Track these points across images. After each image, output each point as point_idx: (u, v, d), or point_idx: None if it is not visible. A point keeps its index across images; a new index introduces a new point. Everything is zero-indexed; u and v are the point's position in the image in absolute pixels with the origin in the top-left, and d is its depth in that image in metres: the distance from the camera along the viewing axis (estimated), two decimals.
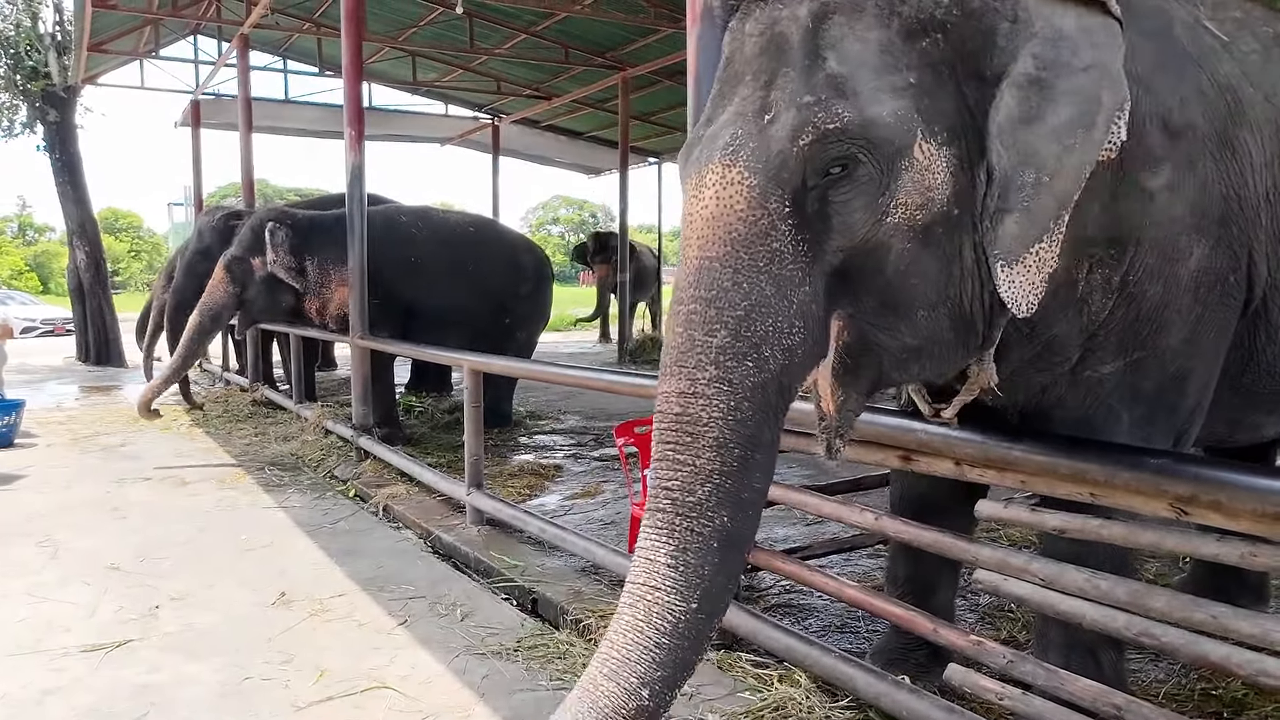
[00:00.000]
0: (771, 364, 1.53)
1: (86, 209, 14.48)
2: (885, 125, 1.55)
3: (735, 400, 1.51)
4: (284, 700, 2.82)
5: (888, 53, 1.59)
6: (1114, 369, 1.92)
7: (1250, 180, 1.89)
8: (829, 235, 1.58)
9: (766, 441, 1.56)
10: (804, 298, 1.56)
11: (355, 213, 6.23)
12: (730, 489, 1.50)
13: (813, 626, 3.28)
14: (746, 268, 1.54)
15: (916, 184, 1.58)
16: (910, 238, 1.60)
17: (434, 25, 12.37)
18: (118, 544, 4.54)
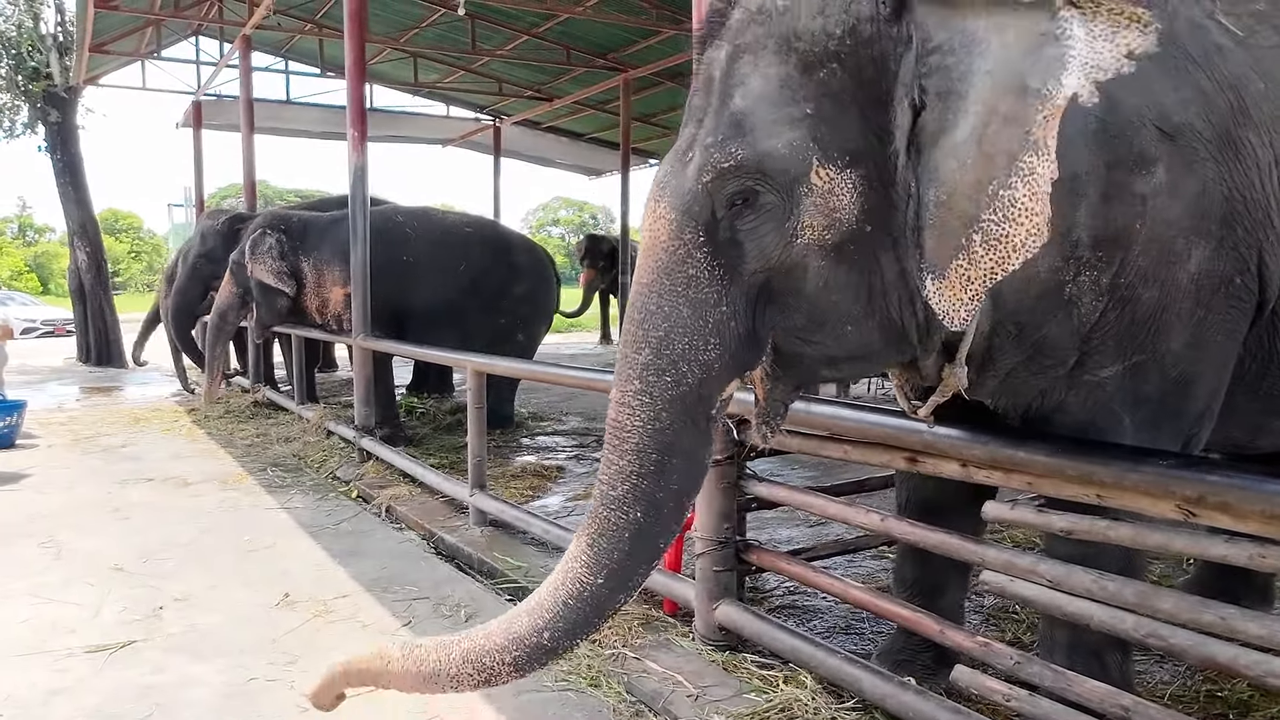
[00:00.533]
0: (689, 378, 1.70)
1: (88, 210, 14.48)
2: (779, 157, 1.66)
3: (654, 411, 1.70)
4: (289, 701, 2.82)
5: (786, 87, 1.68)
6: (1113, 372, 1.90)
7: (1257, 181, 1.85)
8: (744, 259, 1.72)
9: (685, 448, 1.73)
10: (720, 317, 1.71)
11: (358, 214, 6.23)
12: (645, 489, 1.70)
13: (818, 628, 3.28)
14: (667, 292, 1.72)
15: (819, 207, 1.67)
16: (824, 256, 1.70)
17: (436, 26, 12.39)
18: (121, 545, 4.54)
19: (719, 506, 2.97)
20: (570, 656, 3.03)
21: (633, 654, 3.00)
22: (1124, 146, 1.73)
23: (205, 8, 12.22)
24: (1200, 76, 1.81)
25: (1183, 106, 1.78)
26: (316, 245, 7.10)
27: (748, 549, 3.05)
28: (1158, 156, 1.76)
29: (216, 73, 13.53)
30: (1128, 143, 1.74)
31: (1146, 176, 1.76)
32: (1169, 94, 1.77)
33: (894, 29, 1.65)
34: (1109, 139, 1.71)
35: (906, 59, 1.64)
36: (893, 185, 1.68)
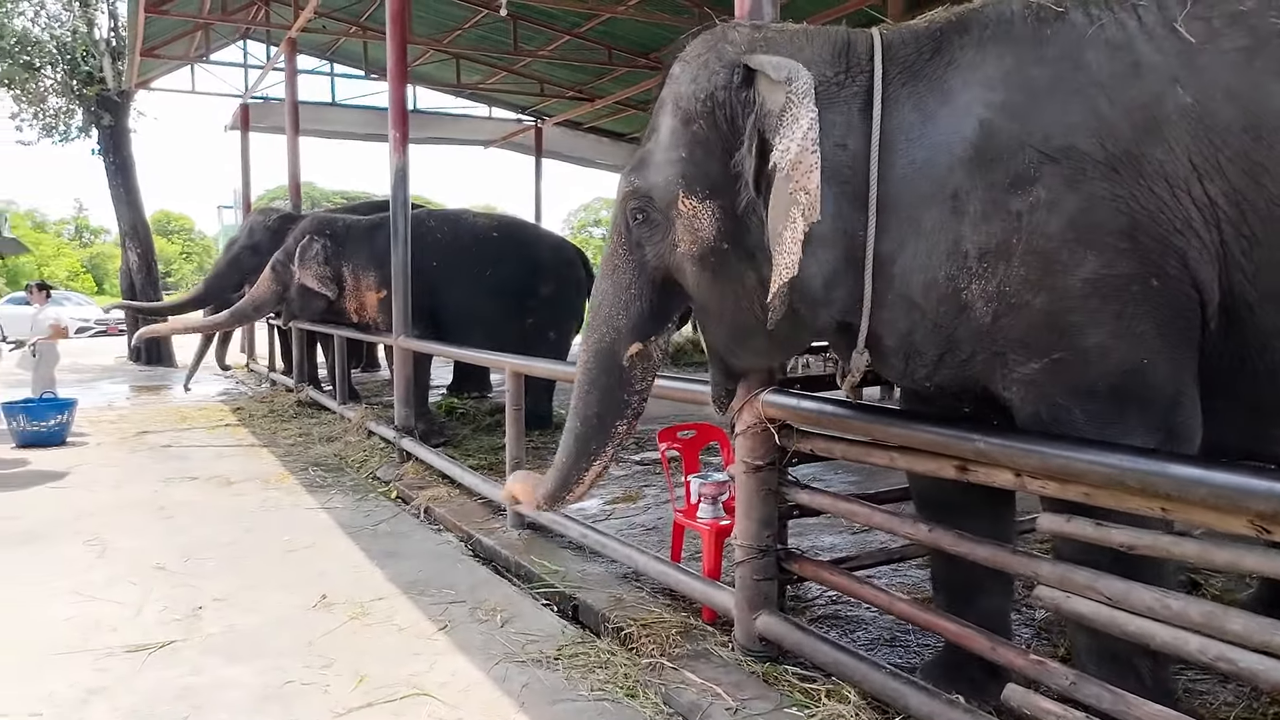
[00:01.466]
0: (608, 337, 2.44)
1: (139, 211, 14.79)
2: (657, 187, 2.26)
3: (587, 356, 2.50)
4: (323, 706, 2.80)
5: (672, 134, 2.24)
6: (1039, 368, 2.01)
7: (1165, 194, 1.88)
8: (645, 257, 2.36)
9: (603, 384, 2.48)
10: (630, 296, 2.40)
11: (399, 215, 6.25)
12: (579, 408, 2.55)
13: (861, 640, 3.19)
14: (604, 275, 2.46)
15: (686, 227, 2.23)
16: (694, 263, 2.26)
17: (478, 28, 12.43)
18: (164, 544, 4.58)
19: (759, 513, 2.90)
20: (608, 665, 2.99)
21: (671, 664, 2.93)
22: (1000, 169, 1.95)
23: (252, 11, 12.39)
24: (1100, 100, 1.91)
25: (1068, 130, 1.91)
26: (356, 250, 7.33)
27: (789, 557, 2.96)
28: (1037, 177, 1.92)
29: (263, 75, 13.73)
30: (1004, 165, 1.94)
31: (1023, 195, 1.93)
32: (1055, 120, 1.93)
33: (744, 94, 2.13)
34: (985, 162, 1.96)
35: (749, 117, 2.10)
36: (746, 213, 2.15)
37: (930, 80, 2.06)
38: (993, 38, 2.03)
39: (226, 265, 9.53)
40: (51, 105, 14.68)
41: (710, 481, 3.54)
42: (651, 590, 3.60)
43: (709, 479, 3.57)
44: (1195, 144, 1.87)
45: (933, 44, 2.09)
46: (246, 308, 8.03)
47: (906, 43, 2.13)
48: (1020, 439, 2.07)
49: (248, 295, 8.07)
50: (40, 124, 14.81)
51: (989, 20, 2.05)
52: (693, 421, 4.02)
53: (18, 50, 13.97)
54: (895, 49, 2.13)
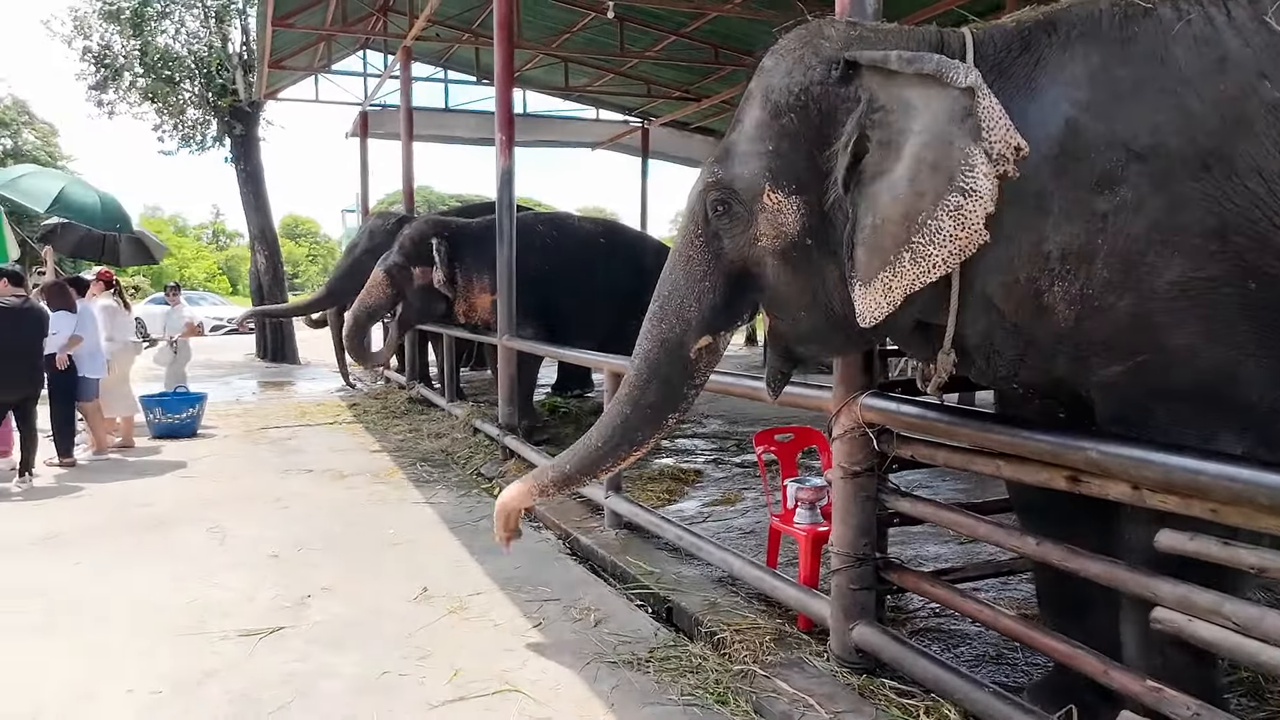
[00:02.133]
0: (677, 327, 2.45)
1: (266, 216, 15.58)
2: (741, 179, 2.26)
3: (650, 344, 2.52)
4: (419, 698, 2.86)
5: (760, 127, 2.24)
6: (1122, 370, 1.98)
7: (1261, 192, 1.81)
8: (723, 250, 2.38)
9: (664, 375, 2.52)
10: (703, 289, 2.41)
11: (505, 217, 6.35)
12: (634, 395, 2.58)
13: (965, 655, 3.05)
14: (676, 264, 2.46)
15: (770, 221, 2.24)
16: (775, 257, 2.27)
17: (586, 31, 12.54)
18: (279, 533, 4.78)
19: (857, 520, 2.80)
20: (699, 670, 2.95)
21: (763, 671, 2.87)
22: (1085, 169, 1.91)
23: (371, 22, 12.86)
24: (1189, 97, 1.86)
25: (1155, 129, 1.87)
26: (469, 253, 7.42)
27: (888, 567, 2.86)
28: (1123, 177, 1.88)
29: (380, 84, 14.23)
30: (1089, 165, 1.91)
31: (1109, 196, 1.89)
32: (1142, 118, 1.88)
33: (842, 90, 2.13)
34: (1071, 162, 1.92)
35: (853, 114, 2.08)
36: (833, 210, 2.15)
37: (1018, 79, 2.04)
38: (1080, 36, 2.00)
39: (349, 269, 9.67)
40: (189, 117, 15.65)
41: (808, 486, 3.46)
42: (746, 595, 3.54)
43: (806, 484, 3.48)
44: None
45: (1021, 43, 2.08)
46: (362, 317, 7.80)
47: (996, 41, 2.11)
48: (1139, 448, 1.93)
49: (359, 302, 7.81)
50: (179, 135, 15.82)
51: (1076, 19, 2.03)
52: (791, 425, 3.93)
53: (160, 66, 14.94)
54: (984, 47, 2.11)
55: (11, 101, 36.89)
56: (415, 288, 7.46)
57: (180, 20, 15.11)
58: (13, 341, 5.96)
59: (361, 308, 7.73)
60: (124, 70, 15.18)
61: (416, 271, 7.42)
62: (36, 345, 6.15)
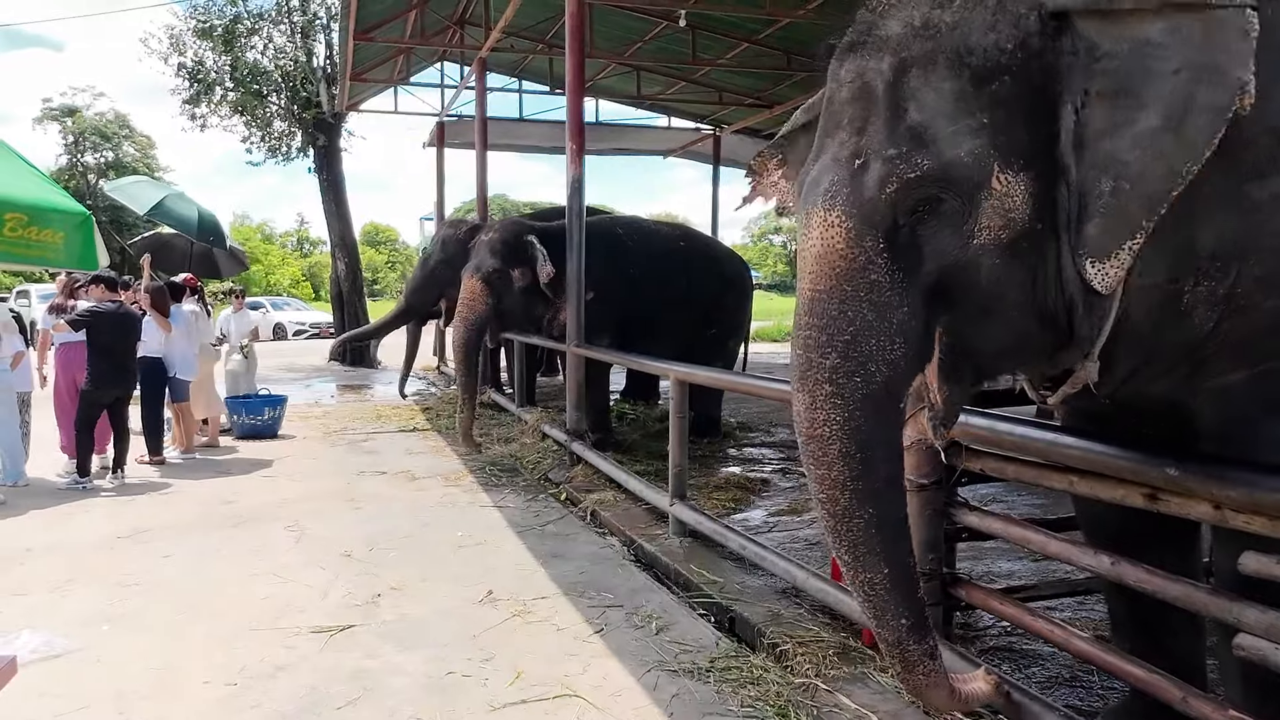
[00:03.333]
0: (878, 377, 1.81)
1: (347, 224, 16.04)
2: (963, 165, 1.77)
3: (849, 411, 1.81)
4: (481, 699, 2.89)
5: (961, 99, 1.79)
6: (1242, 379, 1.87)
7: None
8: (922, 261, 1.83)
9: (882, 439, 1.85)
10: (903, 317, 1.81)
11: (574, 224, 6.41)
12: (864, 488, 1.83)
13: (1037, 676, 2.96)
14: (850, 298, 1.81)
15: (997, 209, 1.78)
16: (998, 253, 1.81)
17: (657, 39, 12.60)
18: (352, 533, 4.91)
19: (923, 534, 2.73)
20: (760, 681, 2.92)
21: (825, 685, 2.83)
22: (1241, 156, 1.73)
23: (448, 34, 13.15)
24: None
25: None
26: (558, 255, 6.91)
27: (956, 582, 2.79)
28: (1278, 165, 1.75)
29: (457, 95, 14.53)
30: (1245, 151, 1.74)
31: (1264, 184, 1.75)
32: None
33: (1058, 41, 1.78)
34: (1228, 146, 1.67)
35: (1074, 67, 1.77)
36: (1058, 183, 1.80)
37: None
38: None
39: (424, 280, 9.61)
40: (276, 129, 16.24)
41: None
42: (810, 607, 3.49)
43: None
44: None
45: None
46: (471, 334, 6.97)
47: None
48: (1222, 467, 1.85)
49: (461, 319, 7.02)
50: (266, 146, 16.41)
51: None
52: None
53: (249, 80, 15.54)
54: None
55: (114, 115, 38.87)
56: (515, 291, 6.93)
57: (268, 36, 15.71)
58: (108, 343, 6.26)
59: (468, 325, 6.93)
60: (215, 85, 15.84)
61: (515, 274, 6.85)
62: (130, 347, 6.44)
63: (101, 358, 6.26)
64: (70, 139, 37.93)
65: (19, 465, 6.22)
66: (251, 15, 15.51)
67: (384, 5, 11.22)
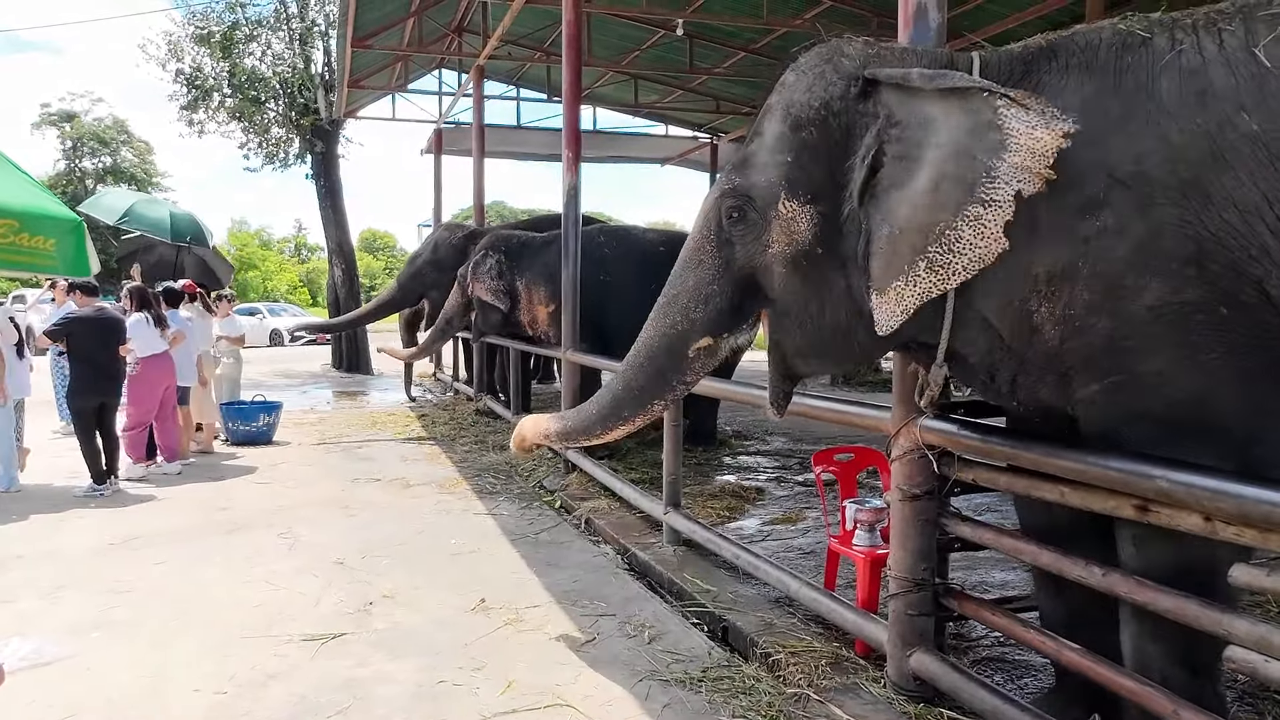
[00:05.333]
0: (681, 324, 2.57)
1: (344, 230, 16.03)
2: (758, 187, 2.35)
3: (652, 334, 2.67)
4: (471, 708, 2.88)
5: (780, 139, 2.32)
6: (1099, 390, 2.06)
7: (1235, 221, 1.87)
8: (734, 255, 2.46)
9: (660, 364, 2.66)
10: (711, 292, 2.50)
11: (570, 232, 6.41)
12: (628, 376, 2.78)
13: (1029, 686, 2.95)
14: (687, 265, 2.57)
15: (783, 229, 2.31)
16: (785, 265, 2.34)
17: (655, 48, 12.65)
18: (345, 540, 4.89)
19: (915, 544, 2.74)
20: (751, 691, 2.91)
21: (817, 696, 2.82)
22: (1072, 194, 1.99)
23: (446, 42, 13.18)
24: (1170, 127, 1.92)
25: (1139, 158, 1.94)
26: (530, 265, 7.64)
27: (948, 593, 2.78)
28: (1106, 202, 1.96)
29: (454, 102, 14.55)
30: (1076, 190, 1.99)
31: (1091, 220, 1.98)
32: (1126, 147, 1.95)
33: (861, 106, 2.21)
34: (1059, 187, 1.98)
35: (871, 129, 2.18)
36: (846, 222, 2.24)
37: None
38: (1077, 65, 2.08)
39: (410, 278, 10.06)
40: (273, 135, 16.24)
41: (867, 508, 3.39)
42: (803, 617, 3.49)
43: (866, 505, 3.42)
44: (1261, 170, 1.85)
45: (1023, 68, 2.16)
46: (440, 324, 8.62)
47: (1001, 66, 2.19)
48: (1213, 478, 1.85)
49: (442, 312, 8.61)
50: (264, 152, 16.42)
51: (1076, 48, 2.11)
52: (851, 445, 3.87)
53: (247, 87, 15.55)
54: (990, 70, 2.18)
55: (112, 121, 38.87)
56: (476, 300, 7.95)
57: (266, 43, 15.73)
58: (88, 350, 6.24)
59: (441, 319, 8.51)
60: (213, 91, 15.85)
61: (470, 283, 7.91)
62: (112, 353, 6.39)
63: (83, 365, 6.24)
64: (68, 144, 37.96)
65: (11, 472, 6.20)
66: (250, 22, 15.54)
67: (382, 13, 11.25)
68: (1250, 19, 1.94)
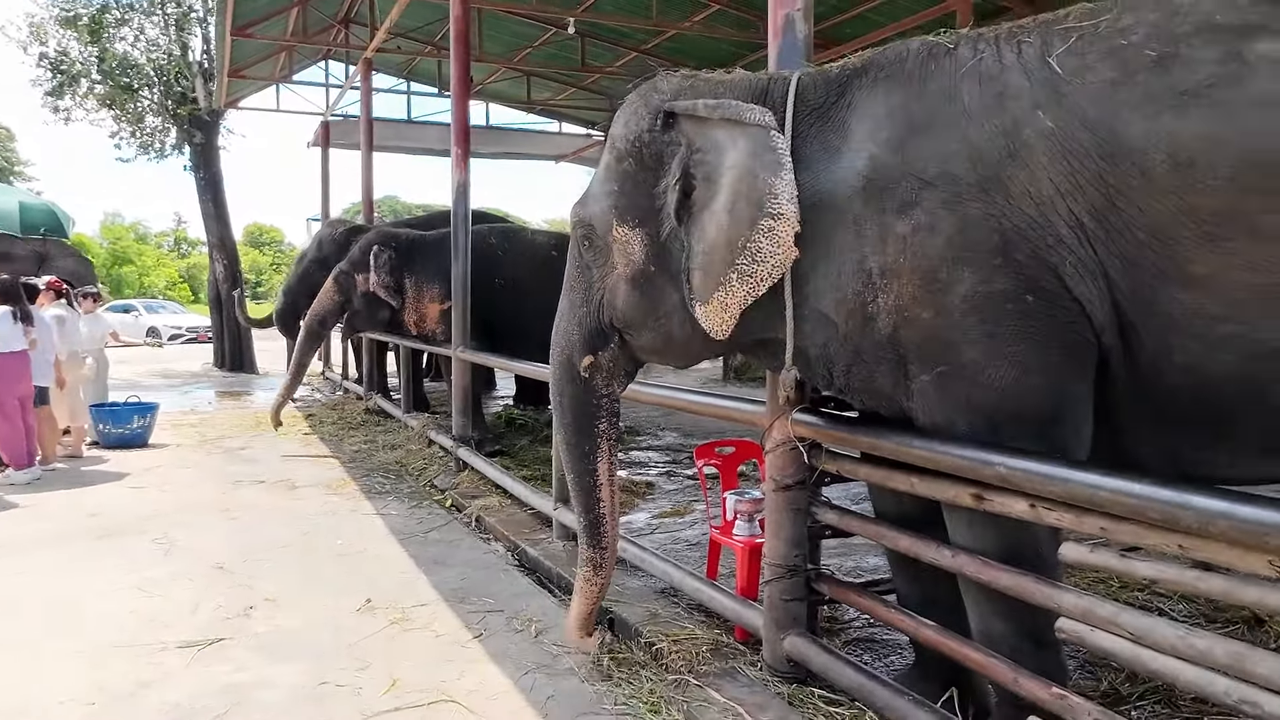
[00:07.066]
0: (566, 348, 2.79)
1: (226, 224, 15.43)
2: (596, 217, 2.59)
3: (554, 365, 2.85)
4: (355, 708, 2.87)
5: (608, 170, 2.57)
6: (931, 380, 2.18)
7: (1034, 213, 2.02)
8: (593, 278, 2.67)
9: (570, 391, 2.81)
10: (583, 313, 2.72)
11: (460, 229, 6.39)
12: (560, 417, 2.88)
13: (895, 664, 3.13)
14: (564, 292, 2.81)
15: (621, 251, 2.54)
16: (627, 284, 2.56)
17: (548, 46, 12.65)
18: (226, 544, 4.76)
19: (788, 533, 2.87)
20: (634, 680, 2.99)
21: (696, 681, 2.92)
22: (888, 196, 2.15)
23: (333, 33, 12.85)
24: (970, 128, 2.09)
25: (944, 159, 2.10)
26: (420, 263, 7.50)
27: (819, 578, 2.93)
28: (917, 201, 2.11)
29: (341, 94, 14.21)
30: (891, 193, 2.15)
31: (906, 219, 2.12)
32: (931, 149, 2.12)
33: (666, 136, 2.43)
34: (876, 191, 2.17)
35: (678, 156, 2.39)
36: (671, 240, 2.43)
37: (834, 121, 2.30)
38: (885, 78, 2.25)
39: (297, 281, 9.66)
40: (148, 124, 15.46)
41: (746, 499, 3.53)
42: (687, 606, 3.59)
43: (745, 496, 3.55)
44: (1054, 165, 1.99)
45: (838, 87, 2.33)
46: (313, 323, 7.92)
47: (817, 86, 2.36)
48: (1044, 463, 2.01)
49: (311, 309, 8.01)
50: (138, 142, 15.62)
51: (885, 62, 2.28)
52: (734, 439, 4.01)
53: (118, 73, 14.77)
54: (806, 92, 2.36)
55: None
56: (360, 294, 7.64)
57: (139, 28, 14.96)
58: None
59: (313, 317, 7.91)
60: (81, 77, 14.98)
61: (359, 278, 7.59)
62: None
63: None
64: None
65: None
66: (121, 5, 14.75)
67: (262, 2, 10.89)
68: (1048, 33, 2.10)
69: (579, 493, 2.90)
